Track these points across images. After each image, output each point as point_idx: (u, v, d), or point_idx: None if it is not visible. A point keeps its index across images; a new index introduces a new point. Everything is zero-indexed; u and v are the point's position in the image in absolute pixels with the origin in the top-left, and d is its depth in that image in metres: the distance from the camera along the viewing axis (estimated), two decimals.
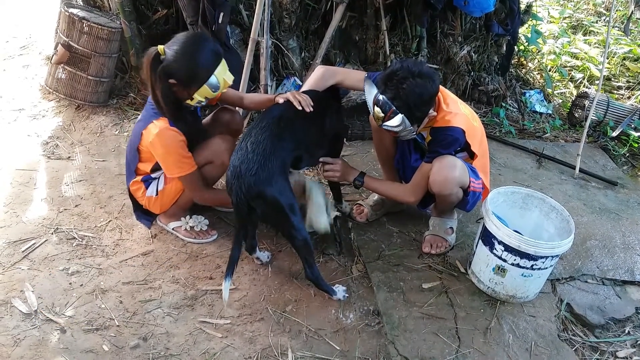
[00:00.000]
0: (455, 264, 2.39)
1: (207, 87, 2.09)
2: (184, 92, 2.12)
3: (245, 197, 1.94)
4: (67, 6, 3.23)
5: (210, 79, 2.07)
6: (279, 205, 1.97)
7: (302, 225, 2.09)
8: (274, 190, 1.96)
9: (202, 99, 2.13)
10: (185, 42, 2.08)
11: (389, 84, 2.03)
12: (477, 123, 2.31)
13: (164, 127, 2.16)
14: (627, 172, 3.39)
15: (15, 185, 2.70)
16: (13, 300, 2.08)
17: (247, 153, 1.96)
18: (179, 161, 2.20)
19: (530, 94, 3.94)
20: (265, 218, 2.10)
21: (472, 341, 2.04)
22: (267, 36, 2.96)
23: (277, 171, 1.97)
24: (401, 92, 2.01)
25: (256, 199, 1.95)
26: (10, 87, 3.54)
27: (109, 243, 2.41)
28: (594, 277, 2.41)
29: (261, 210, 2.00)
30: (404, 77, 2.01)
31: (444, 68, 3.65)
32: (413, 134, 2.14)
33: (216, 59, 2.09)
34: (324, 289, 2.18)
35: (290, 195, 2.02)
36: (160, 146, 2.18)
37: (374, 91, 2.06)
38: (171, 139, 2.17)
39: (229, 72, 2.15)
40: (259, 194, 1.94)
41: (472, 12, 3.30)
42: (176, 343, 1.98)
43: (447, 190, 2.20)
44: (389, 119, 2.04)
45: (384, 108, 2.03)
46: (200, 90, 2.09)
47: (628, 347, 2.14)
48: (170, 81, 2.07)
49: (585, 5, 5.78)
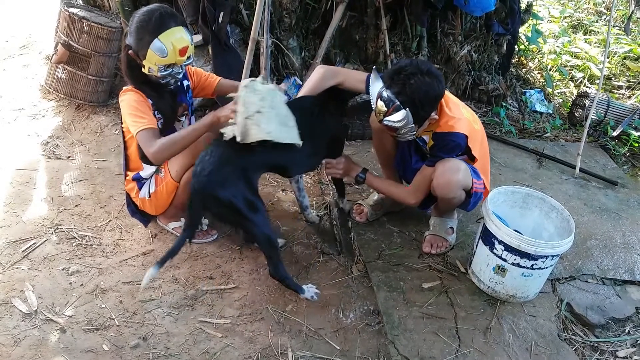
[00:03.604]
0: (455, 263, 2.39)
1: (152, 51, 2.08)
2: (138, 59, 2.15)
3: (199, 195, 1.98)
4: (67, 5, 3.23)
5: (154, 42, 2.06)
6: (235, 206, 1.99)
7: (265, 222, 2.09)
8: (227, 193, 1.97)
9: (153, 65, 2.11)
10: (137, 12, 2.15)
11: (395, 79, 2.01)
12: (478, 125, 2.30)
13: (128, 88, 2.22)
14: (628, 172, 3.38)
15: (15, 185, 2.70)
16: (13, 300, 2.08)
17: (204, 156, 2.01)
18: (136, 117, 2.16)
19: (530, 94, 3.93)
20: (220, 218, 2.14)
21: (472, 341, 2.04)
22: (267, 35, 2.95)
23: (232, 176, 1.99)
24: (407, 88, 1.99)
25: (209, 200, 1.99)
26: (10, 87, 3.54)
27: (109, 243, 2.41)
28: (594, 276, 2.41)
29: (215, 211, 2.07)
30: (412, 73, 1.99)
31: (445, 67, 3.65)
32: (412, 134, 2.12)
33: (161, 23, 2.08)
34: (291, 287, 2.17)
35: (249, 196, 2.02)
36: (123, 106, 2.21)
37: (379, 85, 2.04)
38: (132, 98, 2.19)
39: (185, 36, 2.12)
40: (212, 195, 1.97)
41: (473, 11, 3.30)
42: (176, 343, 1.98)
43: (450, 193, 2.20)
44: (391, 114, 2.02)
45: (388, 102, 2.01)
46: (148, 55, 2.09)
47: (628, 347, 2.14)
48: (130, 52, 2.15)
49: (586, 5, 5.78)
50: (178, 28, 2.10)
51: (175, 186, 2.31)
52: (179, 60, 2.13)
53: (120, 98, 2.24)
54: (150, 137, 2.12)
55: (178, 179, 2.29)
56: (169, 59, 2.10)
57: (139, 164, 2.34)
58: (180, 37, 2.10)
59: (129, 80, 2.23)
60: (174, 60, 2.12)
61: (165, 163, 2.32)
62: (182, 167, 2.28)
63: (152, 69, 2.12)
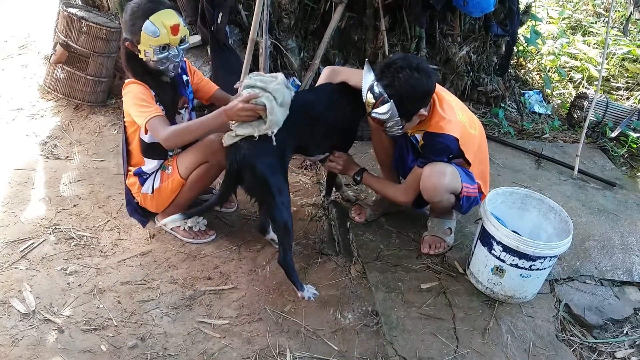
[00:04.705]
0: (453, 264, 2.39)
1: (144, 33, 2.09)
2: (135, 48, 2.16)
3: (238, 165, 2.04)
4: (66, 6, 3.23)
5: (145, 24, 2.08)
6: (267, 182, 2.06)
7: (287, 207, 2.13)
8: (264, 167, 2.04)
9: (148, 48, 2.12)
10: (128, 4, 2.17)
11: (385, 72, 2.05)
12: (476, 130, 2.29)
13: (131, 81, 2.24)
14: (626, 173, 3.39)
15: (13, 185, 2.70)
16: (11, 300, 2.08)
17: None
18: (141, 107, 2.18)
19: (529, 95, 3.94)
20: (251, 190, 2.16)
21: (470, 341, 2.04)
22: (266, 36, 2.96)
23: (271, 152, 2.05)
24: (395, 81, 2.02)
25: (246, 170, 2.05)
26: (8, 87, 3.54)
27: (107, 243, 2.41)
28: (592, 277, 2.41)
29: (248, 182, 2.10)
30: (401, 67, 2.02)
31: (443, 68, 3.65)
32: (399, 128, 2.13)
33: (151, 7, 2.10)
34: (292, 280, 2.18)
35: (281, 179, 2.11)
36: (127, 98, 2.22)
37: (371, 77, 2.07)
38: (136, 89, 2.20)
39: (175, 15, 2.15)
40: (250, 166, 2.03)
41: (472, 12, 3.29)
42: (174, 343, 1.98)
43: (437, 197, 2.21)
44: (378, 106, 2.05)
45: (376, 95, 2.04)
46: (142, 39, 2.11)
47: (626, 348, 2.14)
48: (127, 44, 2.17)
49: (585, 6, 5.78)
50: (168, 10, 2.13)
51: (181, 183, 2.32)
52: (172, 39, 2.14)
53: (124, 91, 2.25)
54: (161, 123, 2.16)
55: (186, 176, 2.31)
56: (162, 38, 2.11)
57: (141, 158, 2.34)
58: (170, 16, 2.13)
59: (130, 73, 2.24)
60: (167, 40, 2.13)
61: (174, 159, 2.33)
62: (192, 164, 2.29)
63: (147, 52, 2.13)
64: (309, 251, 2.45)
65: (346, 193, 2.73)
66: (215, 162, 2.29)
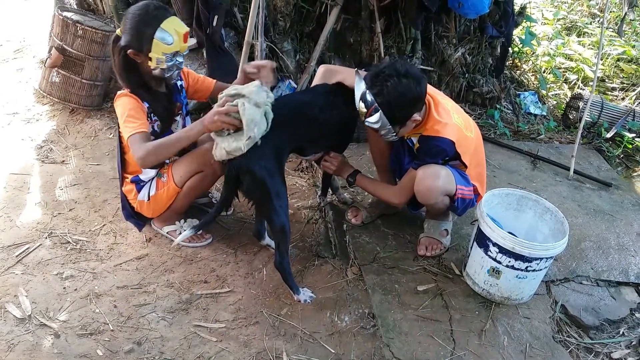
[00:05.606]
0: (450, 266, 2.40)
1: (157, 41, 2.08)
2: (142, 56, 2.13)
3: (237, 169, 2.04)
4: (61, 10, 3.22)
5: (158, 32, 2.07)
6: (265, 186, 2.06)
7: (285, 211, 2.13)
8: (263, 171, 2.04)
9: (161, 56, 2.10)
10: (129, 12, 2.15)
11: (375, 81, 2.05)
12: (472, 133, 2.30)
13: (123, 93, 2.21)
14: (621, 173, 3.40)
15: (9, 190, 2.69)
16: (7, 305, 2.07)
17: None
18: (128, 121, 2.14)
19: (524, 96, 3.95)
20: (249, 194, 2.16)
21: (467, 343, 2.04)
22: (261, 39, 2.96)
23: (269, 155, 2.06)
24: (384, 90, 2.03)
25: (245, 174, 2.05)
26: (4, 91, 3.53)
27: (103, 247, 2.40)
28: (588, 278, 2.42)
29: (247, 186, 2.09)
30: (389, 75, 2.03)
31: (439, 70, 3.66)
32: (394, 135, 2.14)
33: (159, 14, 2.10)
34: (288, 283, 2.18)
35: (279, 182, 2.11)
36: (117, 110, 2.20)
37: (363, 86, 2.08)
38: (126, 102, 2.18)
39: (181, 22, 2.15)
40: (249, 170, 2.03)
41: (467, 14, 3.30)
42: (171, 347, 1.98)
43: (431, 199, 2.21)
44: (370, 115, 2.06)
45: (367, 104, 2.05)
46: (154, 47, 2.09)
47: (622, 348, 2.15)
48: (129, 52, 2.12)
49: (579, 7, 5.80)
50: (174, 17, 2.14)
51: (176, 191, 2.31)
52: (183, 47, 2.15)
53: (115, 103, 2.23)
54: (139, 141, 2.09)
55: (181, 184, 2.30)
56: (175, 46, 2.11)
57: (138, 167, 2.33)
58: (180, 24, 2.14)
59: (125, 84, 2.21)
60: (179, 47, 2.13)
61: (169, 167, 2.32)
62: (186, 173, 2.28)
63: (159, 59, 2.11)
64: (305, 254, 2.45)
65: (342, 195, 2.73)
66: (209, 172, 2.29)
